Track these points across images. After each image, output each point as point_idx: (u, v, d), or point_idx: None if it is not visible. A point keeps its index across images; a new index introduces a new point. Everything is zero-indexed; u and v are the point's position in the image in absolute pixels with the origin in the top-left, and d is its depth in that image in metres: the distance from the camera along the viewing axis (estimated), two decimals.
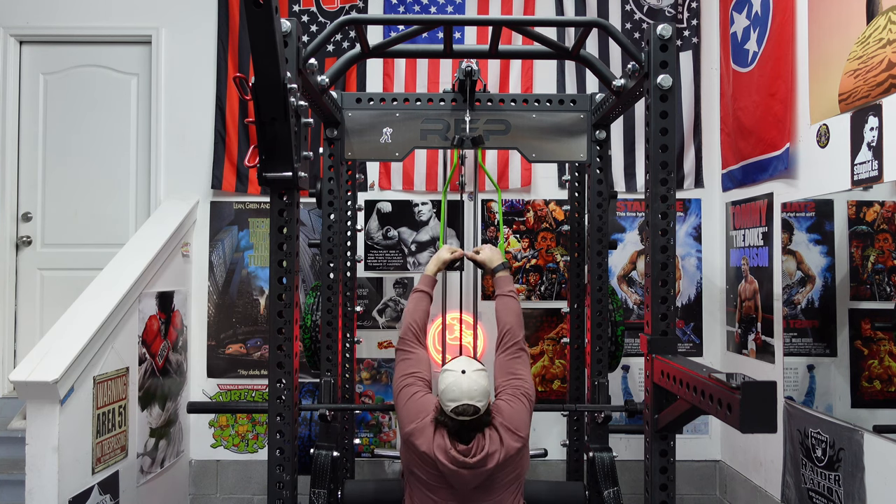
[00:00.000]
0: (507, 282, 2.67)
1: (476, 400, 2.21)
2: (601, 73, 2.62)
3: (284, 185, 2.15)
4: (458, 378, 2.23)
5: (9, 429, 3.60)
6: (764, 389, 1.54)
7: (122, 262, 3.47)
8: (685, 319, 4.16)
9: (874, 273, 2.74)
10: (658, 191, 2.19)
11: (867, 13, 2.67)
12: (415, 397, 2.40)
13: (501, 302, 2.63)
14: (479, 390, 2.22)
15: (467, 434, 2.25)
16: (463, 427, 2.23)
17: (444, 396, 2.24)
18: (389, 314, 4.16)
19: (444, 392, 2.24)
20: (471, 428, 2.24)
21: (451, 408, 2.21)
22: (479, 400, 2.22)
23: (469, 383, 2.22)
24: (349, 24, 2.42)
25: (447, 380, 2.25)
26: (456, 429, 2.24)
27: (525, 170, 4.13)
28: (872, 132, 2.63)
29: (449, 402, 2.22)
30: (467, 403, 2.19)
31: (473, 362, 2.33)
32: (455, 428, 2.24)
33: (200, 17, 4.17)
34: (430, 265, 2.74)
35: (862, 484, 2.71)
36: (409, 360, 2.52)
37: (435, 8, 4.14)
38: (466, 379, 2.23)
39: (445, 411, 2.23)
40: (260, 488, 4.11)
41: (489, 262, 2.75)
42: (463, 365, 2.29)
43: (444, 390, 2.24)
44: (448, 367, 2.33)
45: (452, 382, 2.23)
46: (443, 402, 2.25)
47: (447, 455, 2.24)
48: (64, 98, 4.26)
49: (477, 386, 2.22)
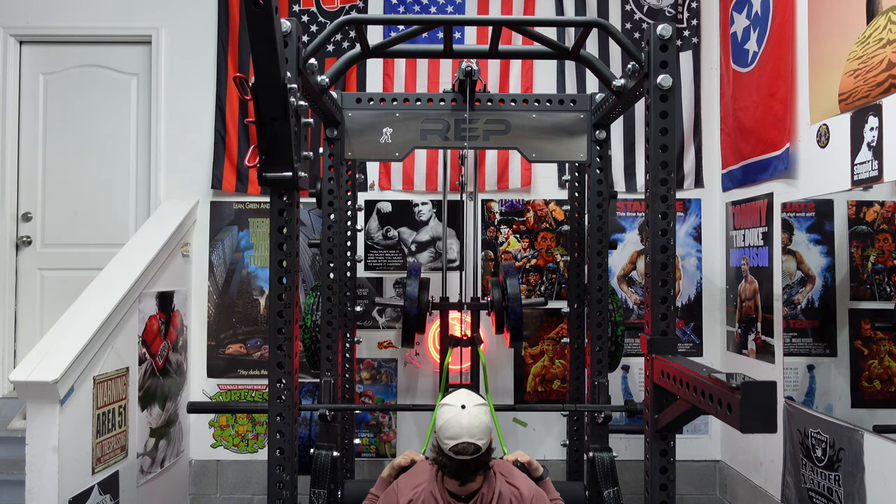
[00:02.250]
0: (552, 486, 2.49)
1: (476, 438, 2.10)
2: (601, 73, 2.62)
3: (284, 185, 2.15)
4: (458, 414, 2.12)
5: (9, 429, 3.60)
6: (764, 389, 1.54)
7: (122, 262, 3.47)
8: (685, 319, 4.16)
9: (874, 273, 2.74)
10: (658, 191, 2.19)
11: (867, 13, 2.67)
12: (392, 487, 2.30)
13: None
14: (479, 427, 2.11)
15: (468, 475, 2.15)
16: (462, 467, 2.12)
17: (443, 433, 2.12)
18: (389, 314, 4.16)
19: (442, 429, 2.12)
20: (470, 469, 2.14)
21: (450, 446, 2.10)
22: (480, 438, 2.11)
23: (469, 419, 2.11)
24: (349, 24, 2.42)
25: (445, 415, 2.14)
26: (454, 469, 2.13)
27: (525, 170, 4.13)
28: (872, 132, 2.63)
29: (448, 439, 2.10)
30: (467, 442, 2.08)
31: (474, 396, 2.22)
32: (453, 468, 2.13)
33: (200, 18, 4.17)
34: (386, 470, 2.52)
35: (862, 484, 2.70)
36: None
37: (435, 8, 4.14)
38: (466, 415, 2.12)
39: (444, 450, 2.12)
40: (260, 488, 4.11)
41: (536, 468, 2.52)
42: (462, 399, 2.18)
43: (443, 427, 2.12)
44: (446, 401, 2.21)
45: (451, 418, 2.12)
46: (440, 440, 2.13)
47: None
48: (64, 98, 4.26)
49: (478, 422, 2.11)
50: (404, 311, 3.08)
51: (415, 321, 3.08)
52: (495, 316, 3.21)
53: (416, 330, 3.12)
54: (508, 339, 3.16)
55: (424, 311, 3.17)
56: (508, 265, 3.27)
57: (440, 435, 2.14)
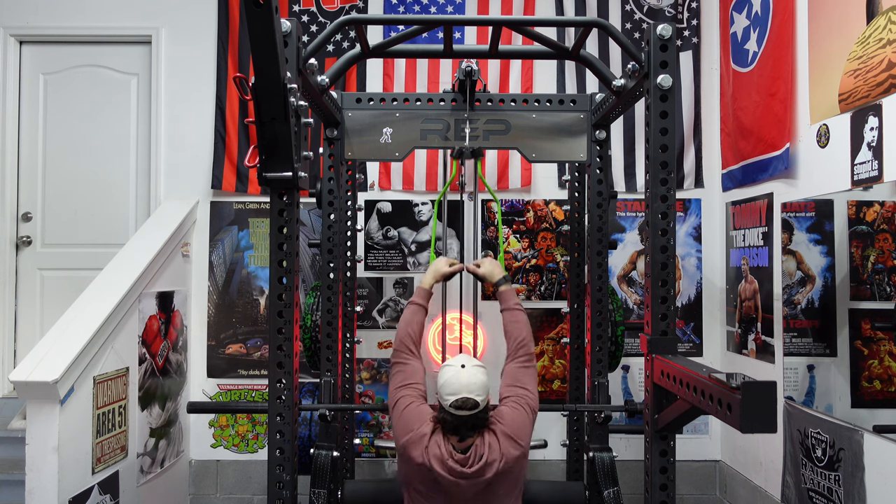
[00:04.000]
0: (512, 295, 2.65)
1: (475, 394, 2.20)
2: (601, 73, 2.62)
3: (284, 185, 2.15)
4: (458, 372, 2.24)
5: (9, 429, 3.60)
6: (764, 389, 1.54)
7: (122, 262, 3.47)
8: (685, 319, 4.16)
9: (874, 273, 2.74)
10: (658, 191, 2.19)
11: (867, 13, 2.67)
12: (409, 408, 2.37)
13: (511, 315, 2.60)
14: (478, 384, 2.22)
15: (466, 431, 2.23)
16: (462, 423, 2.21)
17: (444, 390, 2.23)
18: (389, 314, 4.16)
19: (444, 386, 2.24)
20: (469, 424, 2.22)
21: (450, 401, 2.20)
22: (478, 394, 2.21)
23: (468, 377, 2.22)
24: (349, 24, 2.42)
25: (446, 374, 2.26)
26: (455, 425, 2.22)
27: (525, 170, 4.13)
28: (872, 132, 2.63)
29: (448, 395, 2.21)
30: (466, 396, 2.19)
31: (472, 359, 2.33)
32: (454, 424, 2.22)
33: (200, 17, 4.17)
34: (427, 277, 2.68)
35: (862, 484, 2.71)
36: (404, 372, 2.49)
37: (435, 8, 4.14)
38: (466, 373, 2.23)
39: (444, 406, 2.23)
40: (260, 488, 4.11)
41: (490, 276, 2.72)
42: (462, 360, 2.30)
43: (444, 384, 2.24)
44: (447, 363, 2.34)
45: (452, 376, 2.23)
46: (441, 397, 2.24)
47: (444, 465, 2.22)
48: (64, 98, 4.26)
49: (476, 380, 2.22)
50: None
51: None
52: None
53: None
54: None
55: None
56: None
57: (441, 392, 2.24)
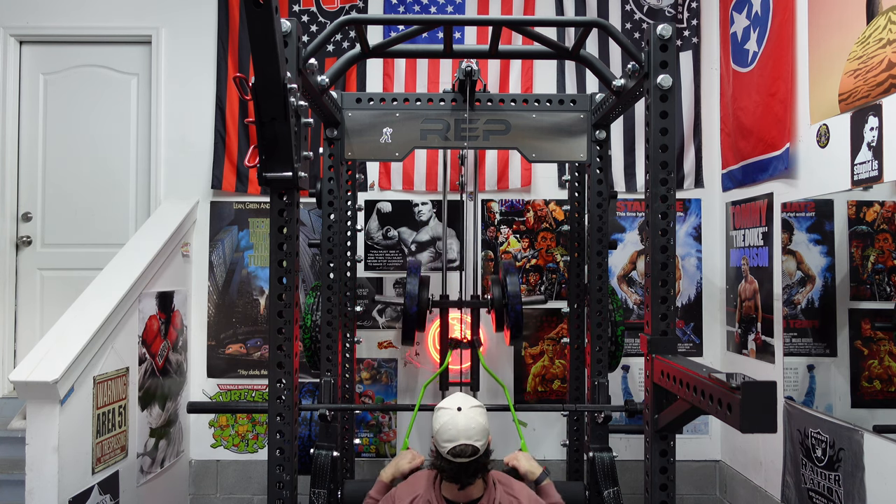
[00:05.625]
0: (552, 489, 2.52)
1: (474, 439, 2.11)
2: (601, 73, 2.62)
3: (284, 185, 2.15)
4: (454, 416, 2.13)
5: (9, 429, 3.60)
6: (764, 389, 1.53)
7: (122, 262, 3.47)
8: (685, 319, 4.16)
9: (874, 273, 2.74)
10: (658, 191, 2.19)
11: (867, 13, 2.67)
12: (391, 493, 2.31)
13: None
14: (476, 429, 2.12)
15: (467, 478, 2.14)
16: (461, 470, 2.12)
17: (440, 437, 2.12)
18: (389, 314, 4.16)
19: (439, 433, 2.13)
20: (470, 471, 2.14)
21: (448, 449, 2.10)
22: (478, 439, 2.11)
23: (466, 421, 2.12)
24: (349, 24, 2.42)
25: (441, 419, 2.15)
26: (454, 473, 2.13)
27: (525, 170, 4.13)
28: (872, 132, 2.63)
29: (445, 443, 2.11)
30: (465, 444, 2.09)
31: (469, 399, 2.23)
32: (452, 472, 2.13)
33: (200, 17, 4.17)
34: (387, 470, 2.56)
35: (862, 484, 2.70)
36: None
37: (435, 8, 4.14)
38: (463, 417, 2.13)
39: (441, 454, 2.12)
40: (260, 488, 4.11)
41: (531, 473, 2.55)
42: (458, 402, 2.19)
43: (439, 430, 2.13)
44: (442, 405, 2.23)
45: (448, 421, 2.13)
46: (438, 444, 2.13)
47: None
48: (64, 98, 4.26)
49: (475, 424, 2.12)
50: (404, 309, 3.09)
51: (415, 319, 3.09)
52: (495, 313, 3.21)
53: (417, 328, 3.13)
54: (508, 336, 3.16)
55: (425, 308, 3.18)
56: (508, 263, 3.28)
57: (438, 439, 2.15)
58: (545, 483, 2.54)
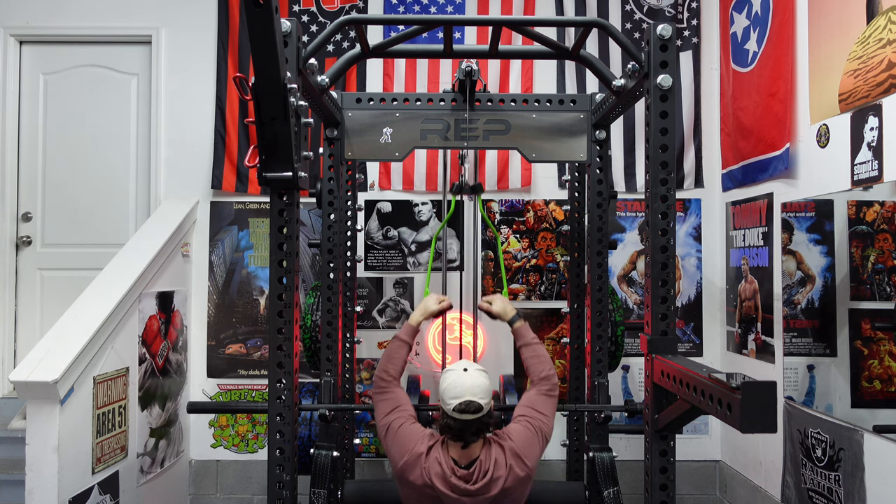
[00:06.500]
0: (527, 330, 2.61)
1: (478, 396, 2.17)
2: (601, 73, 2.62)
3: (284, 185, 2.15)
4: (460, 376, 2.21)
5: (9, 429, 3.60)
6: (764, 389, 1.54)
7: (122, 262, 3.47)
8: (685, 319, 4.16)
9: (874, 273, 2.74)
10: (658, 191, 2.19)
11: (867, 13, 2.67)
12: (402, 428, 2.33)
13: (530, 350, 2.55)
14: (481, 387, 2.19)
15: (470, 436, 2.19)
16: (466, 427, 2.17)
17: (446, 395, 2.19)
18: (389, 314, 4.16)
19: (446, 391, 2.20)
20: (474, 429, 2.18)
21: (453, 406, 2.16)
22: (482, 397, 2.18)
23: (471, 380, 2.19)
24: (349, 24, 2.42)
25: (448, 379, 2.23)
26: (458, 429, 2.17)
27: (525, 170, 4.13)
28: (872, 132, 2.63)
29: (451, 399, 2.17)
30: (470, 400, 2.15)
31: (473, 363, 2.30)
32: (458, 429, 2.17)
33: (200, 17, 4.17)
34: (416, 314, 2.63)
35: (862, 484, 2.71)
36: (388, 399, 2.44)
37: (435, 8, 4.14)
38: (468, 377, 2.20)
39: (447, 411, 2.18)
40: (260, 488, 4.11)
41: (504, 314, 2.66)
42: (464, 364, 2.28)
43: (446, 389, 2.20)
44: (449, 367, 2.31)
45: (454, 380, 2.20)
46: (444, 402, 2.20)
47: (447, 483, 2.18)
48: (64, 98, 4.26)
49: (479, 383, 2.20)
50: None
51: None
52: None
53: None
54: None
55: None
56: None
57: (444, 396, 2.21)
58: (518, 324, 2.61)
